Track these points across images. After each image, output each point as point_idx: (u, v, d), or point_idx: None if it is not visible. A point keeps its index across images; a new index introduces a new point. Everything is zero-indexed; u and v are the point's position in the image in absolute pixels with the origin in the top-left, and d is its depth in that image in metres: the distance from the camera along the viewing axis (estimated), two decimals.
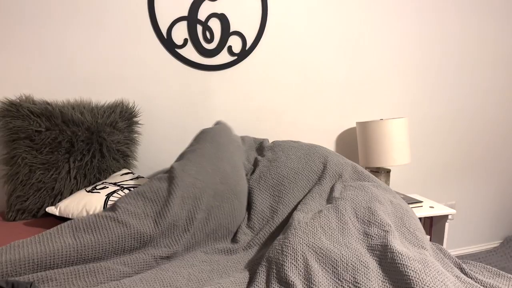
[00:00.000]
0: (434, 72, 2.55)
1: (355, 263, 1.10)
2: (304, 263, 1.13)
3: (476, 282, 1.14)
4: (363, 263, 1.10)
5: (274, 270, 1.14)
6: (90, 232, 1.17)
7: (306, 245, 1.18)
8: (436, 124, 2.63)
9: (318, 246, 1.17)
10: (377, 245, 1.18)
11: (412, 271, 1.03)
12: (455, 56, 2.57)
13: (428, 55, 2.51)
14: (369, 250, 1.17)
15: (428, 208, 2.21)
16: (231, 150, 1.64)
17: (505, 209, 2.97)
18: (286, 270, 1.11)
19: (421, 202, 2.32)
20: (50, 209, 1.49)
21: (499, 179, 2.90)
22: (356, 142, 2.35)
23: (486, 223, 2.95)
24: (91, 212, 1.44)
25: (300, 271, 1.11)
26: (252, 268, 1.25)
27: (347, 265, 1.10)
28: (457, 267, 1.25)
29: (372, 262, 1.12)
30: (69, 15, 1.85)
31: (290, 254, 1.15)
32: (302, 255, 1.15)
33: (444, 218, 2.22)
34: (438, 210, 2.20)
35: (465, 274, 1.21)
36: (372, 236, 1.22)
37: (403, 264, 1.06)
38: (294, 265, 1.12)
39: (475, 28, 2.57)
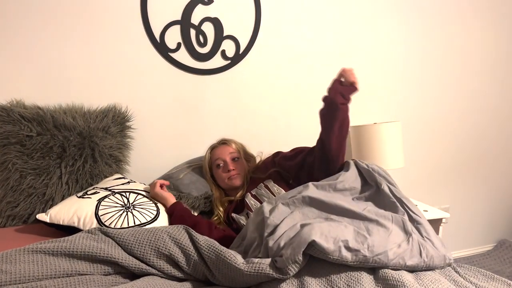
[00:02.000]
0: (427, 76, 2.56)
1: (349, 270, 1.08)
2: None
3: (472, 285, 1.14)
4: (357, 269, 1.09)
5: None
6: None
7: None
8: (430, 128, 2.64)
9: None
10: None
11: (407, 279, 1.02)
12: (448, 60, 2.58)
13: (422, 59, 2.52)
14: None
15: (422, 212, 2.21)
16: None
17: (499, 212, 2.98)
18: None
19: (415, 205, 2.32)
20: (41, 216, 1.47)
21: (492, 182, 2.90)
22: (350, 146, 2.34)
23: (480, 227, 2.95)
24: (82, 218, 1.43)
25: (294, 280, 1.09)
26: None
27: (340, 271, 1.08)
28: (453, 270, 1.24)
29: (366, 269, 1.10)
30: (61, 19, 1.84)
31: None
32: None
33: (438, 221, 2.22)
34: (432, 213, 2.20)
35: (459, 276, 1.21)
36: None
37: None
38: None
39: (468, 32, 2.59)
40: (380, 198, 1.38)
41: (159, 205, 1.57)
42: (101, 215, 1.42)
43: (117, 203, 1.48)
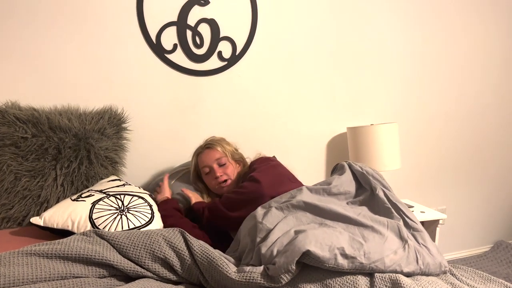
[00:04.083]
0: (424, 77, 2.56)
1: (344, 274, 1.07)
2: None
3: (469, 287, 1.13)
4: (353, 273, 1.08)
5: None
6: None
7: None
8: (426, 129, 2.64)
9: None
10: None
11: (404, 280, 1.02)
12: (445, 61, 2.59)
13: (418, 61, 2.52)
14: None
15: (419, 213, 2.21)
16: None
17: (495, 214, 2.99)
18: None
19: (412, 207, 2.33)
20: (35, 220, 1.45)
21: (489, 183, 2.91)
22: (347, 147, 2.34)
23: (477, 228, 2.96)
24: (76, 222, 1.41)
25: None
26: None
27: (335, 276, 1.07)
28: (449, 273, 1.24)
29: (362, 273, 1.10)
30: (57, 20, 1.83)
31: None
32: None
33: (435, 223, 2.22)
34: (429, 215, 2.20)
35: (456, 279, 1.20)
36: None
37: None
38: None
39: (464, 32, 2.59)
40: (375, 203, 1.37)
41: (154, 208, 1.56)
42: (95, 219, 1.41)
43: (111, 206, 1.47)
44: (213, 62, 2.10)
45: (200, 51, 2.07)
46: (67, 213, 1.44)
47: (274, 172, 1.64)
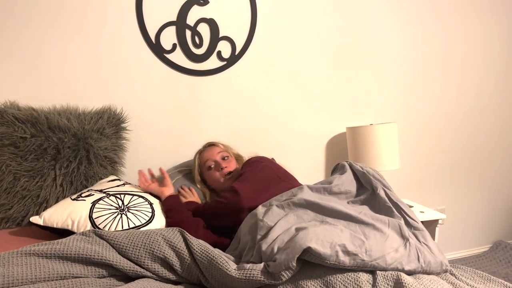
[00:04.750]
0: (424, 77, 2.56)
1: (346, 271, 1.07)
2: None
3: (468, 286, 1.13)
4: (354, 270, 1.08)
5: None
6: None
7: None
8: (425, 129, 2.64)
9: None
10: None
11: (405, 278, 1.02)
12: (445, 61, 2.59)
13: (418, 61, 2.52)
14: None
15: (419, 213, 2.21)
16: None
17: (495, 214, 2.99)
18: None
19: (411, 207, 2.32)
20: (34, 219, 1.45)
21: (488, 183, 2.91)
22: (346, 147, 2.34)
23: (476, 228, 2.96)
24: (76, 221, 1.41)
25: (288, 285, 1.08)
26: None
27: (336, 272, 1.07)
28: (449, 273, 1.24)
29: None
30: (56, 20, 1.82)
31: None
32: None
33: (434, 223, 2.22)
34: (428, 215, 2.20)
35: (456, 279, 1.20)
36: None
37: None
38: None
39: (464, 32, 2.59)
40: (376, 202, 1.37)
41: (155, 206, 1.56)
42: (95, 218, 1.41)
43: (112, 205, 1.47)
44: (213, 62, 2.10)
45: (200, 51, 2.07)
46: (67, 212, 1.43)
47: (258, 177, 1.61)
